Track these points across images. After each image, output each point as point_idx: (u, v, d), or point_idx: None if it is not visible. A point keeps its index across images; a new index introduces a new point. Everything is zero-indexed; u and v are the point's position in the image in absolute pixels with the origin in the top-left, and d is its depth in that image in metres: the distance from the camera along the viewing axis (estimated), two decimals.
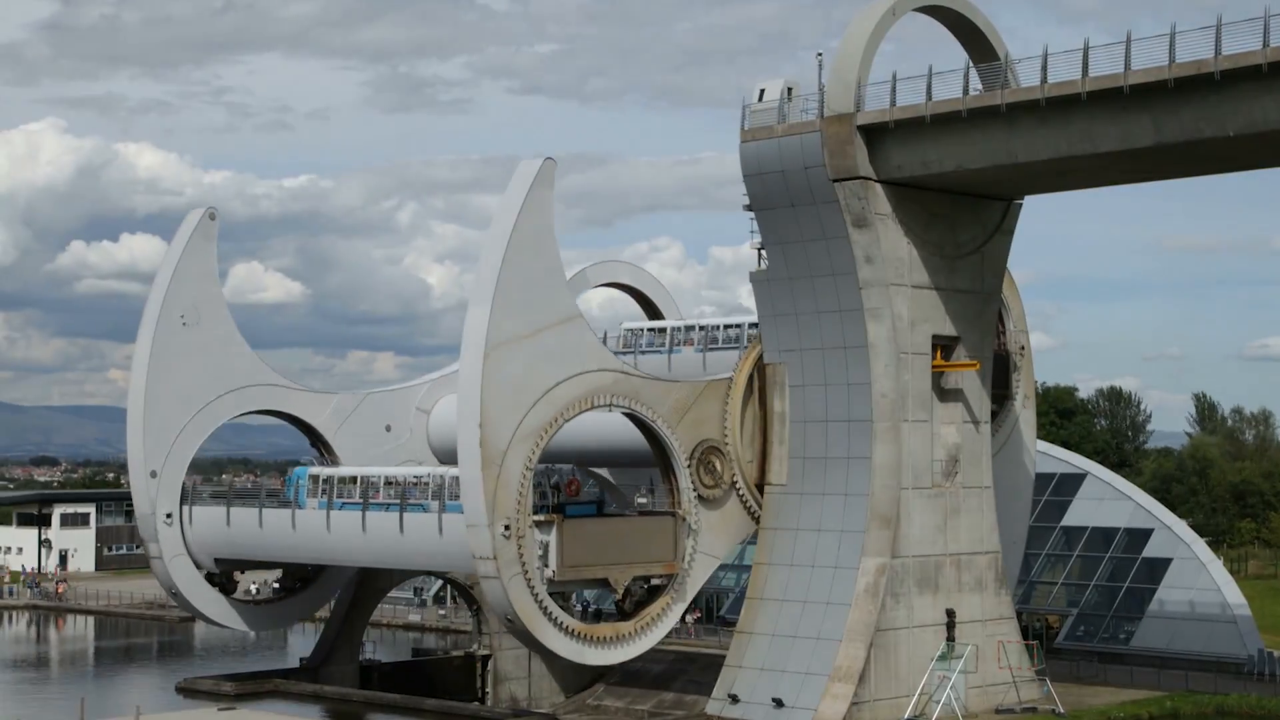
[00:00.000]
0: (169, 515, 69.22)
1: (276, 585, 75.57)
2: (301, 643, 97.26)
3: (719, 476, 60.58)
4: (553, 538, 56.75)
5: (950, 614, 59.89)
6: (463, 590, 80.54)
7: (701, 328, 70.16)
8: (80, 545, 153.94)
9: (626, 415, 59.46)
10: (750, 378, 61.96)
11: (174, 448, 69.39)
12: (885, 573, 58.02)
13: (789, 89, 59.62)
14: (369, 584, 77.35)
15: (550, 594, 56.74)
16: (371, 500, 64.42)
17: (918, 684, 58.36)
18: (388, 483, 64.47)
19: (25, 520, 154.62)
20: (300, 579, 73.84)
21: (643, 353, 70.88)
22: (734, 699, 59.36)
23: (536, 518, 56.39)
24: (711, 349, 68.73)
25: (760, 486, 61.86)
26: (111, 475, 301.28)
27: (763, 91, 59.98)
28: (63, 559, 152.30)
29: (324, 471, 68.10)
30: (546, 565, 56.78)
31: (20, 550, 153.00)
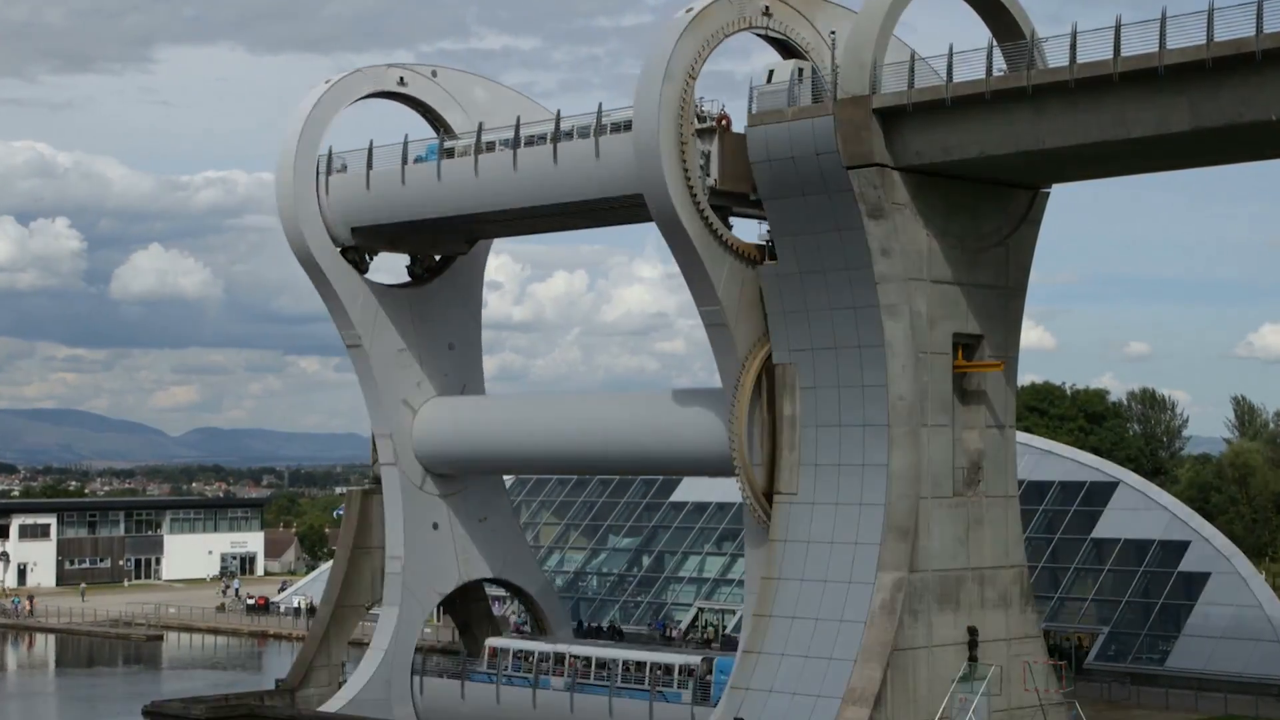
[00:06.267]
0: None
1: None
2: (278, 662, 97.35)
3: None
4: (714, 147, 59.67)
5: (972, 632, 59.89)
6: (449, 605, 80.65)
7: None
8: (40, 559, 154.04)
9: (779, 41, 62.51)
10: (758, 379, 61.94)
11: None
12: (903, 588, 57.99)
13: (799, 69, 59.57)
14: (349, 599, 77.41)
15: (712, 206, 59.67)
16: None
17: (938, 707, 58.37)
18: (528, 139, 66.88)
19: None
20: (428, 268, 76.11)
21: None
22: None
23: (699, 125, 59.38)
24: None
25: (769, 496, 61.86)
26: (74, 484, 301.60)
27: (771, 72, 59.89)
28: (21, 573, 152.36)
29: (459, 140, 70.97)
30: (708, 175, 59.55)
31: None
